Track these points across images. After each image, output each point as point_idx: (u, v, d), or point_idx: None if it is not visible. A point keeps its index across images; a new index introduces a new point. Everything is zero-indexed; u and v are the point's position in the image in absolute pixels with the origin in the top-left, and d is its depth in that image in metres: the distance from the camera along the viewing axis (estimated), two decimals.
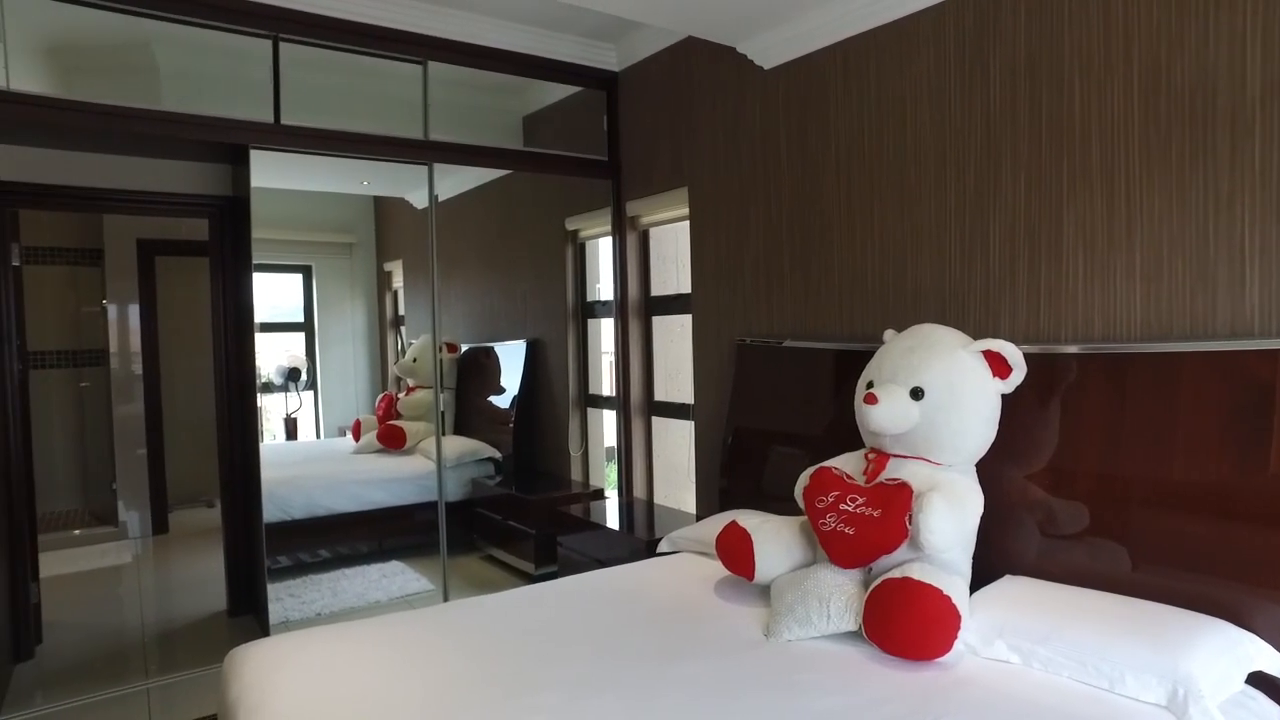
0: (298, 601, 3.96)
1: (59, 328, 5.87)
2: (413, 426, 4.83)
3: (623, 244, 4.33)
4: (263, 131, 3.42)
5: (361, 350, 5.59)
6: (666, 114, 3.95)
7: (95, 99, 3.16)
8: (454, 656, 2.04)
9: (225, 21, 3.33)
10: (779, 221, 3.33)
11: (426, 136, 3.82)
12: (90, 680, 3.40)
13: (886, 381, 2.23)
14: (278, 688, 1.88)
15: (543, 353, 4.69)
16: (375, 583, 4.22)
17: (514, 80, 4.20)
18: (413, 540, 4.49)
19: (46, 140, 3.52)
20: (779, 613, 2.09)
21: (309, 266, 5.37)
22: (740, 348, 3.45)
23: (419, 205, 4.57)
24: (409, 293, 5.38)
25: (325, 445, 5.36)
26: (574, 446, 4.60)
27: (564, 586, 2.64)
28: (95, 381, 5.85)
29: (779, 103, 3.30)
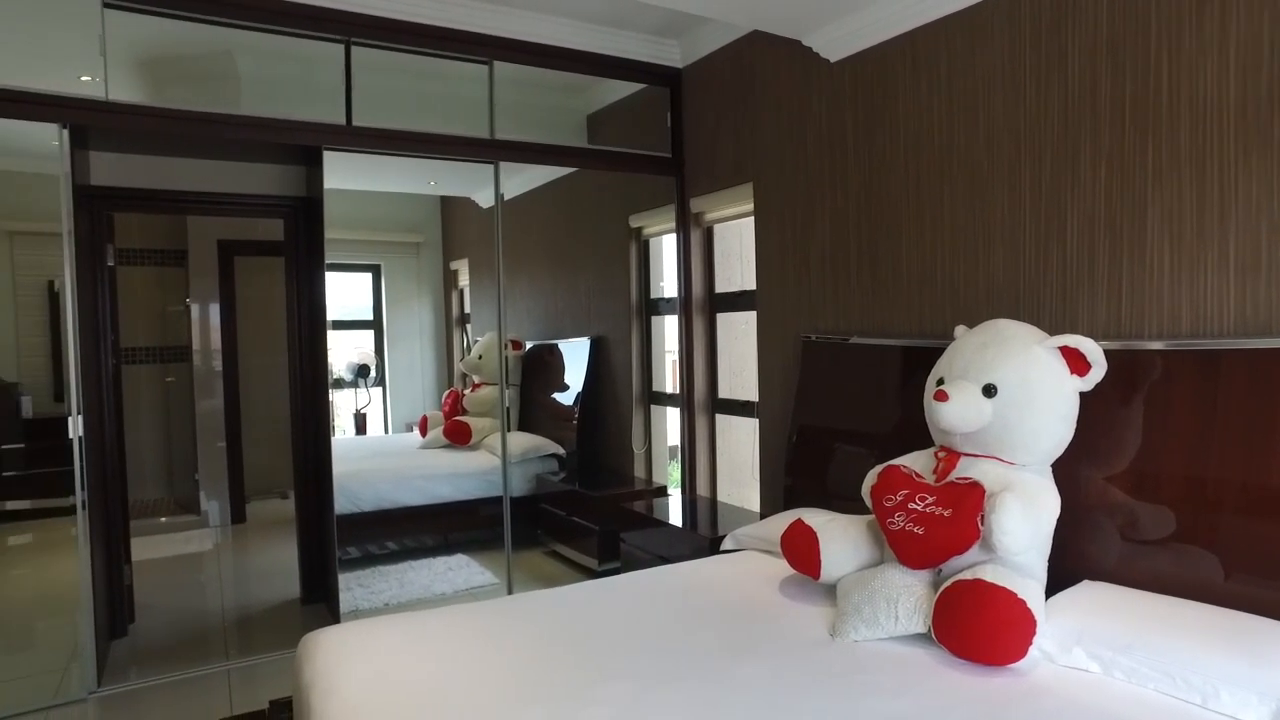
0: (366, 591, 4.07)
1: (147, 325, 6.15)
2: (478, 422, 4.90)
3: (687, 241, 4.32)
4: (335, 133, 3.52)
5: (428, 347, 5.69)
6: (731, 110, 3.92)
7: (183, 106, 3.31)
8: (518, 648, 2.06)
9: (301, 28, 3.44)
10: (846, 216, 3.27)
11: (492, 136, 3.88)
12: (177, 659, 3.56)
13: (958, 378, 2.17)
14: (349, 672, 1.93)
15: (606, 350, 4.71)
16: (441, 575, 4.31)
17: (578, 79, 4.23)
18: (477, 534, 4.56)
19: (138, 147, 3.69)
20: (845, 613, 2.06)
21: (378, 265, 5.50)
22: (806, 345, 3.40)
23: (484, 204, 4.64)
24: (474, 291, 5.46)
25: (393, 440, 5.49)
26: (637, 444, 4.61)
27: (627, 582, 2.65)
28: (179, 377, 6.11)
29: (845, 95, 3.25)
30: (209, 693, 3.18)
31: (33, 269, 5.16)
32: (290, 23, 3.40)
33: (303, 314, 4.15)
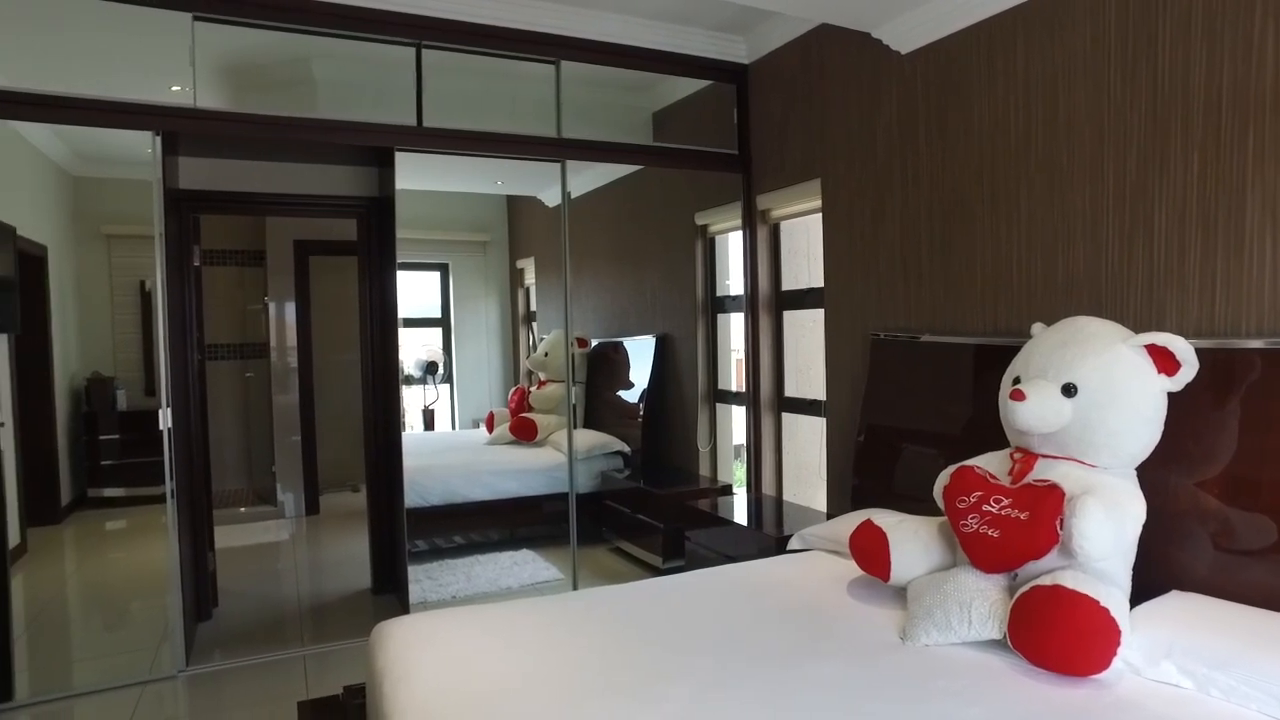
0: (435, 584, 4.15)
1: (229, 323, 6.41)
2: (544, 419, 4.96)
3: (753, 238, 4.29)
4: (406, 134, 3.60)
5: (495, 345, 5.78)
6: (798, 105, 3.88)
7: (263, 111, 3.44)
8: (584, 643, 2.08)
9: (374, 33, 3.53)
10: (917, 212, 3.20)
11: (559, 134, 3.91)
12: (256, 642, 3.70)
13: (1035, 377, 2.10)
14: (419, 662, 1.98)
15: (672, 348, 4.71)
16: (507, 570, 4.37)
17: (643, 77, 4.23)
18: (543, 530, 4.61)
19: (222, 151, 3.84)
20: (916, 616, 2.01)
21: (446, 264, 5.62)
22: (875, 343, 3.34)
23: (550, 203, 4.69)
24: (540, 289, 5.52)
25: (460, 436, 5.59)
26: (702, 442, 4.60)
27: (693, 580, 2.65)
28: (258, 373, 6.35)
29: (917, 87, 3.18)
30: (286, 676, 3.29)
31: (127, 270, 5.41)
32: (364, 28, 3.49)
33: (374, 312, 4.25)
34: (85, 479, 5.48)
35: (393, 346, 3.90)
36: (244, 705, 3.08)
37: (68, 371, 5.33)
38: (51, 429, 4.98)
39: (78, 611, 4.29)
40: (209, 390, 4.40)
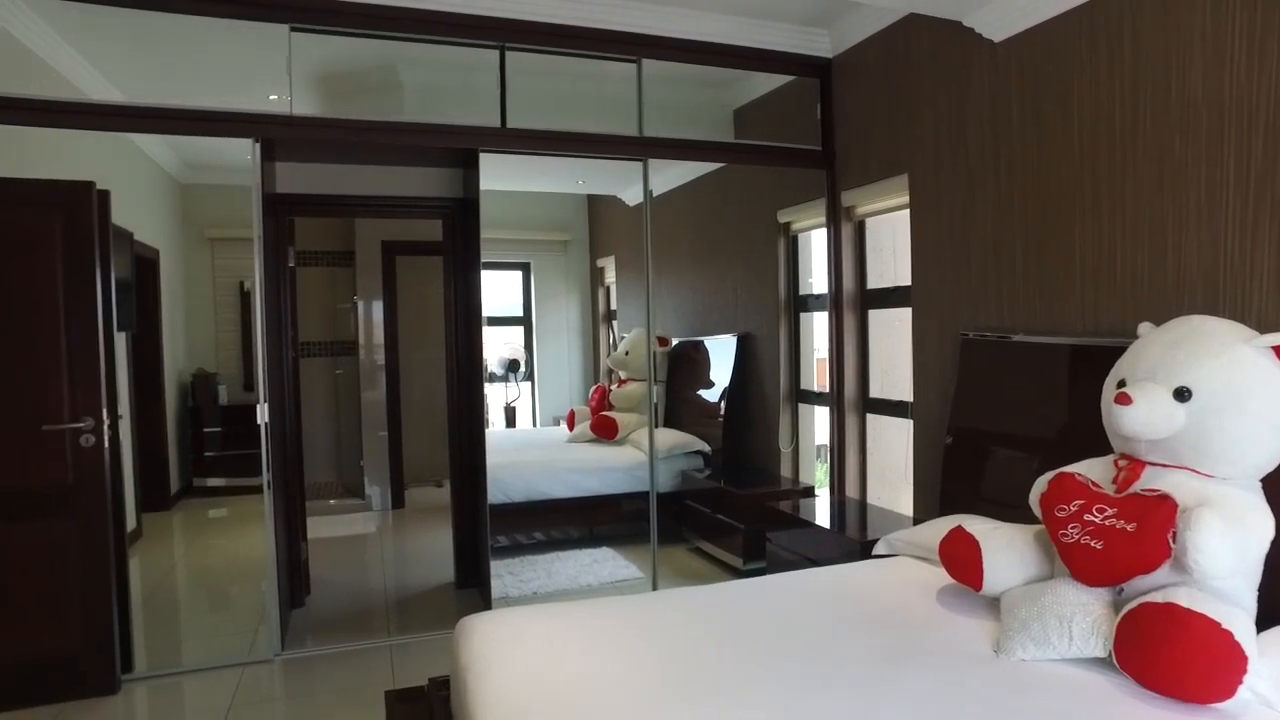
0: (516, 580, 4.20)
1: (320, 321, 6.64)
2: (624, 418, 4.96)
3: (837, 235, 4.20)
4: (490, 135, 3.66)
5: (575, 343, 5.82)
6: (884, 99, 3.77)
7: (354, 116, 3.54)
8: (667, 644, 2.06)
9: (460, 36, 3.60)
10: (1010, 206, 3.07)
11: (641, 133, 3.90)
12: (345, 630, 3.82)
13: (1143, 380, 1.98)
14: (503, 658, 1.99)
15: (753, 347, 4.65)
16: (587, 567, 4.39)
17: (724, 74, 4.19)
18: (623, 528, 4.62)
19: (315, 156, 3.98)
20: (1011, 628, 1.92)
21: (528, 263, 5.69)
22: (965, 343, 3.22)
23: (631, 202, 4.69)
24: (621, 288, 5.53)
25: (542, 433, 5.65)
26: (784, 442, 4.53)
27: (776, 583, 2.60)
28: (347, 370, 6.56)
29: (1011, 76, 3.04)
30: (373, 665, 3.39)
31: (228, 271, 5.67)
32: (449, 32, 3.56)
33: (459, 310, 4.33)
34: (191, 469, 5.77)
35: (477, 345, 3.97)
36: (335, 691, 3.18)
37: (176, 368, 5.62)
38: (162, 422, 5.26)
39: (185, 593, 4.52)
40: (302, 386, 4.56)
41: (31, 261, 3.01)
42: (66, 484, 3.04)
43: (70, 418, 3.02)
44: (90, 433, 3.04)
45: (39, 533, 3.03)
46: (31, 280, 3.02)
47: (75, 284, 3.04)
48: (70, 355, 3.04)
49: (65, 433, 3.02)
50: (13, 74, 3.14)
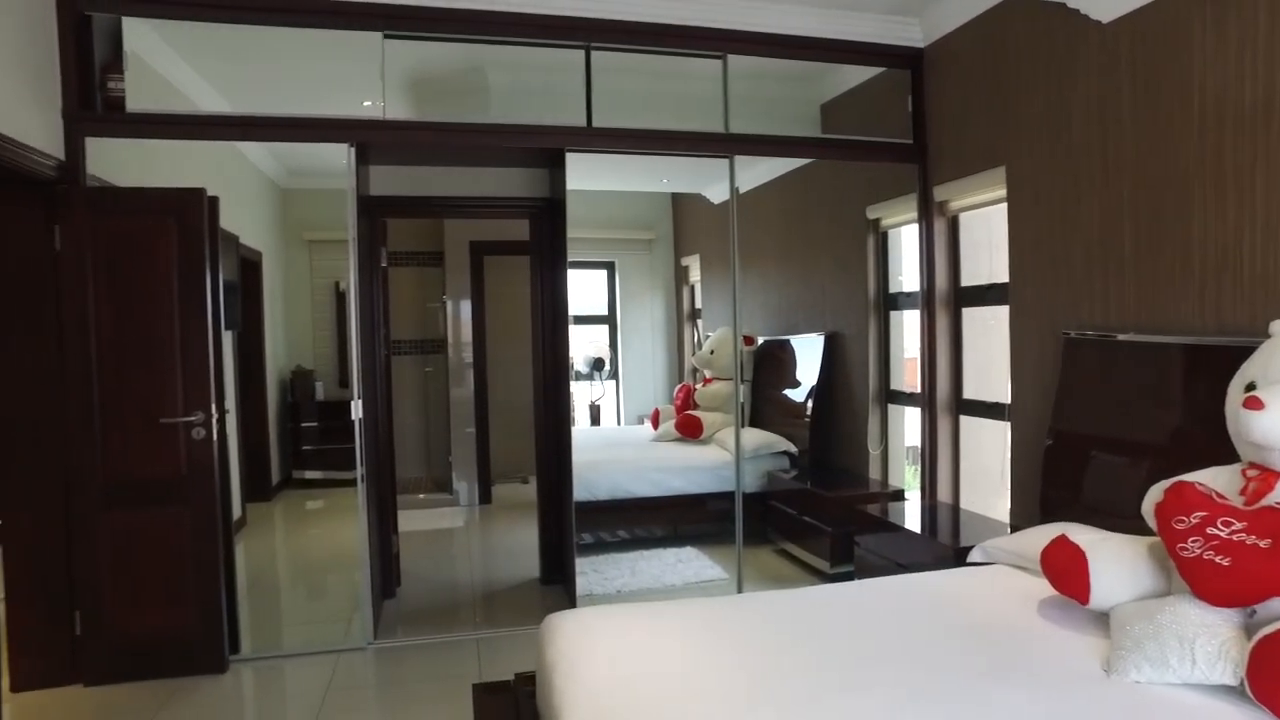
0: (600, 577, 4.22)
1: (411, 320, 6.83)
2: (709, 417, 4.93)
3: (930, 231, 4.06)
4: (576, 134, 3.67)
5: (660, 342, 5.81)
6: (979, 88, 3.62)
7: (444, 119, 3.62)
8: (754, 648, 2.02)
9: (546, 38, 3.63)
10: (1119, 197, 2.89)
11: (727, 130, 3.85)
12: (434, 622, 3.90)
13: (1275, 383, 1.83)
14: (589, 657, 1.99)
15: (841, 346, 4.55)
16: (671, 567, 4.37)
17: (811, 68, 4.10)
18: (707, 528, 4.59)
19: (407, 159, 4.08)
20: (1124, 647, 1.80)
21: (612, 262, 5.71)
22: (1068, 342, 3.06)
23: (716, 200, 4.65)
24: (706, 286, 5.49)
25: (626, 432, 5.67)
26: (873, 444, 4.41)
27: (867, 588, 2.52)
28: (436, 367, 6.73)
29: (1120, 59, 2.87)
30: (460, 657, 3.45)
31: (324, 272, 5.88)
32: (536, 33, 3.59)
33: (545, 309, 4.37)
34: (290, 462, 6.02)
35: (562, 343, 3.99)
36: (424, 681, 3.25)
37: (276, 365, 5.87)
38: (264, 416, 5.51)
39: (285, 580, 4.71)
40: (393, 383, 4.69)
41: (151, 265, 3.18)
42: (180, 474, 3.20)
43: (184, 412, 3.18)
44: (201, 426, 3.19)
45: (158, 519, 3.20)
46: (151, 283, 3.18)
47: (187, 285, 3.20)
48: (183, 353, 3.20)
49: (179, 426, 3.18)
50: (142, 92, 3.33)
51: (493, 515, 6.13)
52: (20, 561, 3.18)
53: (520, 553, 4.88)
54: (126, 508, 3.17)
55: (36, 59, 3.08)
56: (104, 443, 3.15)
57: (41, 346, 3.15)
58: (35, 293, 3.15)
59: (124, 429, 3.16)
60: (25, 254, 3.14)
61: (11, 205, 3.12)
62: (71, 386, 3.13)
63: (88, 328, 3.13)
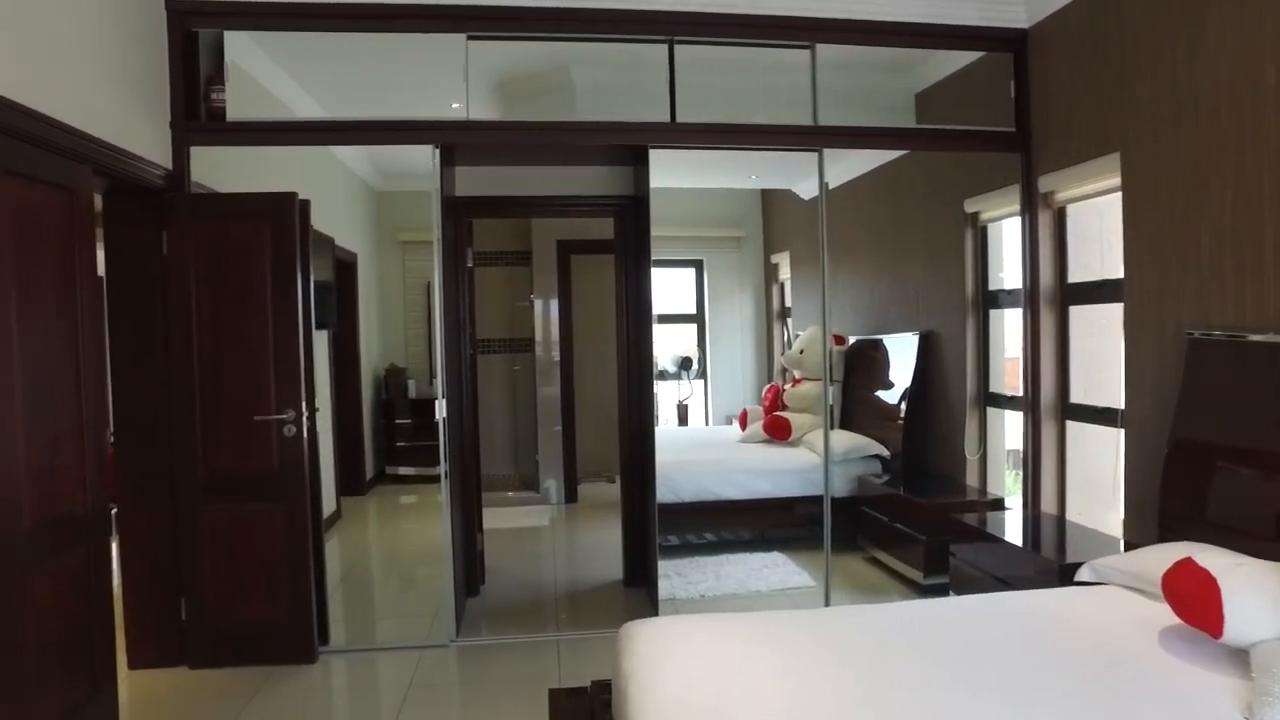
0: (684, 581, 4.12)
1: (497, 319, 6.90)
2: (798, 418, 4.77)
3: (1034, 224, 3.79)
4: (660, 131, 3.58)
5: (748, 341, 5.67)
6: (1091, 69, 3.34)
7: (528, 118, 3.59)
8: (843, 667, 1.89)
9: (629, 33, 3.56)
10: (1258, 184, 2.59)
11: (815, 122, 3.70)
12: (516, 621, 3.89)
13: None
14: (666, 668, 1.90)
15: (937, 346, 4.32)
16: (756, 572, 4.24)
17: (903, 57, 3.90)
18: (794, 533, 4.44)
19: (491, 159, 4.08)
20: (1271, 693, 1.58)
21: (700, 261, 5.59)
22: (1192, 343, 2.78)
23: (805, 196, 4.48)
24: (796, 284, 5.31)
25: (713, 432, 5.54)
26: (970, 449, 4.16)
27: (966, 605, 2.35)
28: (523, 366, 6.78)
29: (1265, 27, 2.57)
30: (540, 658, 3.42)
31: (417, 272, 5.98)
32: (619, 29, 3.53)
33: (631, 308, 4.30)
34: (384, 457, 6.16)
35: (647, 342, 3.90)
36: (503, 681, 3.23)
37: (371, 363, 6.02)
38: (359, 413, 5.65)
39: (376, 573, 4.81)
40: (480, 382, 4.72)
41: (247, 267, 3.27)
42: (273, 470, 3.27)
43: (275, 410, 3.25)
44: (292, 423, 3.26)
45: (252, 514, 3.29)
46: (246, 284, 3.27)
47: (280, 286, 3.27)
48: (275, 352, 3.27)
49: (272, 423, 3.26)
50: (241, 101, 3.44)
51: (578, 514, 6.12)
52: (136, 551, 3.33)
53: (604, 553, 4.83)
54: (224, 502, 3.27)
55: (149, 76, 3.21)
56: (204, 439, 3.25)
57: (152, 349, 3.28)
58: (147, 296, 3.28)
59: (221, 426, 3.26)
60: (138, 259, 3.28)
61: (126, 213, 3.26)
62: (176, 386, 3.25)
63: (190, 328, 3.24)
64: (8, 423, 2.27)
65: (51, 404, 2.51)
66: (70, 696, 2.56)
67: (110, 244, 3.27)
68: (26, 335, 2.37)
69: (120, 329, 3.28)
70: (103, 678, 2.72)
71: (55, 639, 2.48)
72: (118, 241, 3.27)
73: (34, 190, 2.44)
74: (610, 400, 6.78)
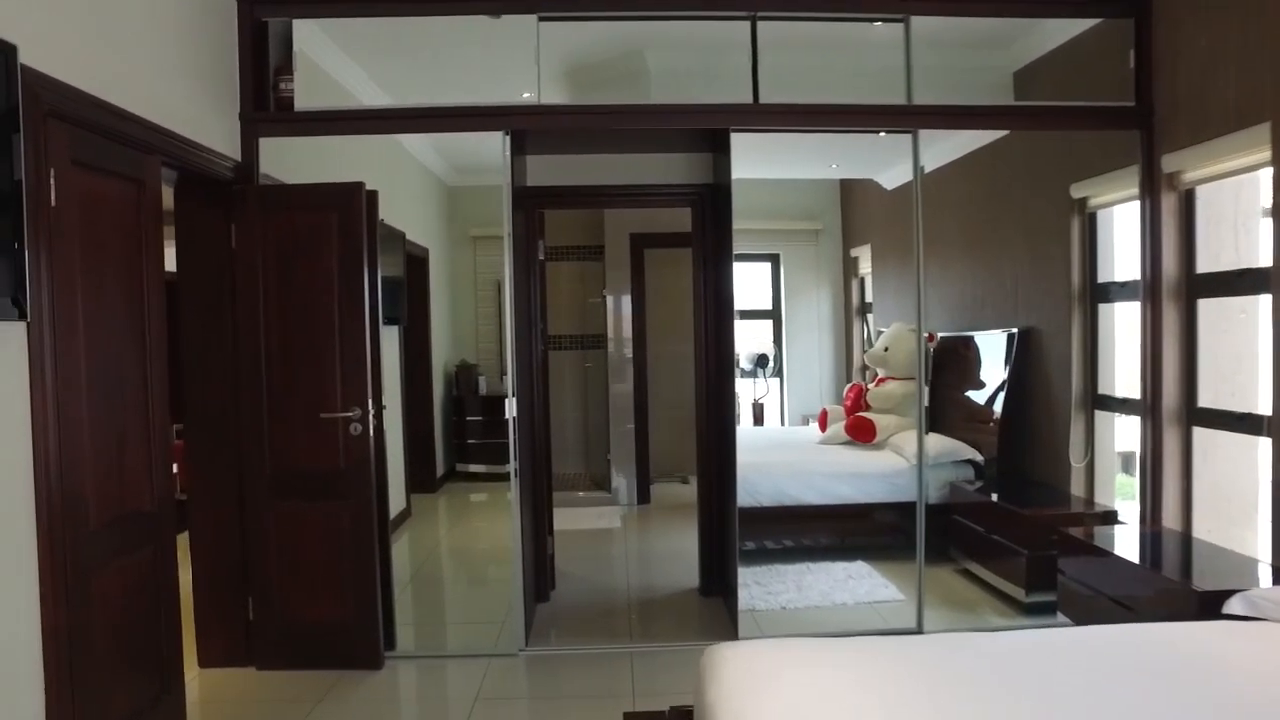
0: (763, 591, 3.87)
1: (569, 315, 6.74)
2: (883, 419, 4.47)
3: (1155, 209, 3.40)
4: (742, 113, 3.33)
5: (826, 338, 5.40)
6: (1234, 29, 2.95)
7: (600, 101, 3.39)
8: (953, 704, 1.63)
9: (709, 9, 3.32)
10: None
11: (909, 101, 3.39)
12: (587, 631, 3.69)
13: None
14: (756, 705, 1.67)
15: (1037, 343, 3.96)
16: (841, 583, 3.96)
17: (1003, 32, 3.56)
18: (880, 541, 4.15)
19: (563, 147, 3.88)
20: None
21: (777, 255, 5.32)
22: None
23: (890, 185, 4.21)
24: (877, 279, 5.03)
25: (791, 433, 5.27)
26: (1075, 456, 3.79)
27: (1091, 637, 2.04)
28: (596, 363, 6.60)
29: None
30: (613, 672, 3.20)
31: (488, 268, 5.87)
32: (698, 5, 3.29)
33: (709, 302, 4.06)
34: (455, 455, 6.07)
35: (728, 339, 3.65)
36: (574, 696, 3.04)
37: (442, 359, 5.93)
38: (430, 409, 5.56)
39: (446, 573, 4.69)
40: (551, 378, 4.55)
41: (314, 260, 3.15)
42: (339, 469, 3.15)
43: (341, 407, 3.13)
44: (358, 421, 3.13)
45: (318, 513, 3.17)
46: (313, 278, 3.15)
47: (346, 280, 3.13)
48: (342, 348, 3.14)
49: (338, 421, 3.13)
50: (310, 91, 3.33)
51: (651, 516, 5.88)
52: (204, 548, 3.25)
53: (679, 559, 4.59)
54: (290, 499, 3.16)
55: (219, 67, 3.12)
56: (270, 436, 3.15)
57: (221, 344, 3.19)
58: (216, 290, 3.20)
59: (289, 423, 3.14)
60: (207, 253, 3.20)
61: (195, 206, 3.19)
62: (244, 382, 3.15)
63: (258, 323, 3.14)
64: (75, 418, 2.18)
65: (120, 399, 2.42)
66: (140, 695, 2.48)
67: (180, 238, 3.20)
68: (94, 329, 2.28)
69: (189, 323, 3.20)
70: (171, 676, 2.65)
71: (125, 637, 2.40)
72: (187, 235, 3.19)
73: (102, 182, 2.35)
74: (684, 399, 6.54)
